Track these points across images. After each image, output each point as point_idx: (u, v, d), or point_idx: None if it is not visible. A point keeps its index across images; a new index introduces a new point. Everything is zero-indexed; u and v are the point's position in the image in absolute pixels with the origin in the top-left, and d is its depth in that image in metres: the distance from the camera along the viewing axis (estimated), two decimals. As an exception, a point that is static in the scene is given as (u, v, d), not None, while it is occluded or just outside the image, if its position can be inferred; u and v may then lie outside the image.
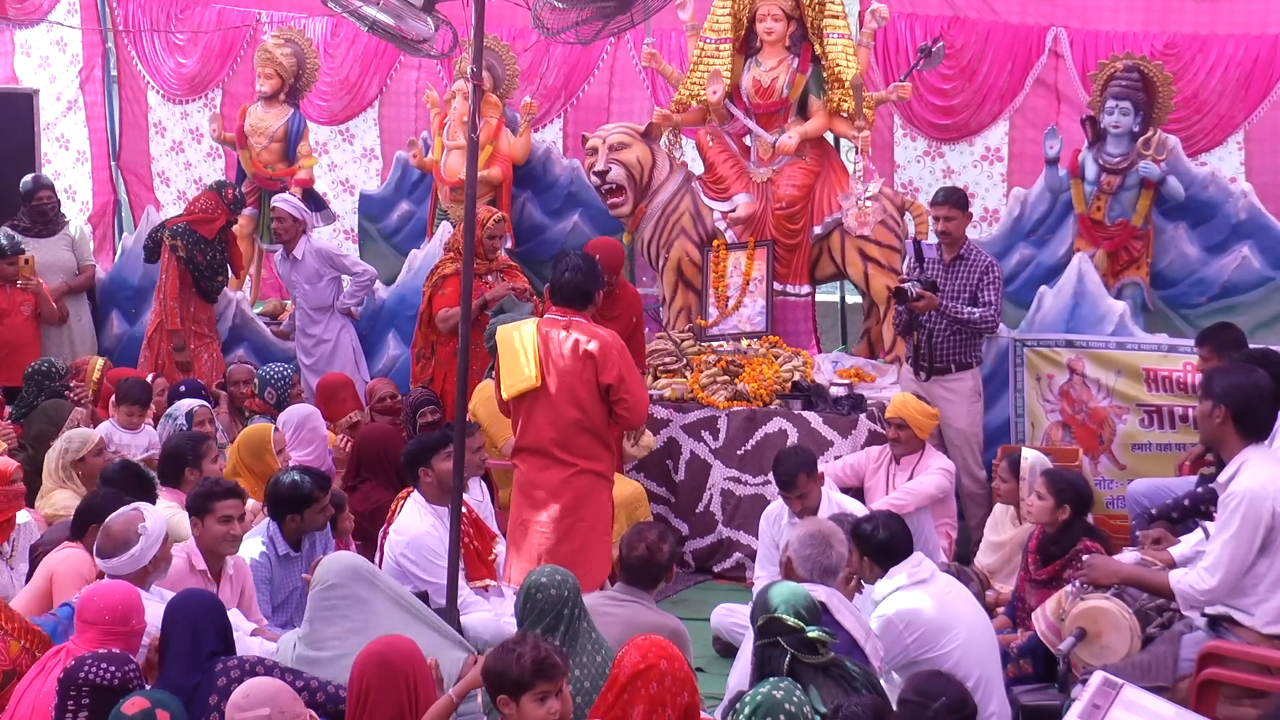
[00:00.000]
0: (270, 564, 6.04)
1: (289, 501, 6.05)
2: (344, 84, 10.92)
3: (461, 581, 6.13)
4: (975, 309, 7.66)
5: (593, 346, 6.06)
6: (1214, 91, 8.61)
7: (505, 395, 6.22)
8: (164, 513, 5.57)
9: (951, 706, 3.99)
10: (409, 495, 6.42)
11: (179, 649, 4.60)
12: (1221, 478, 4.99)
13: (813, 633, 4.42)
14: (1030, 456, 6.60)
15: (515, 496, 6.29)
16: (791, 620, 4.43)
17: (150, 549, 5.20)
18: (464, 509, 6.40)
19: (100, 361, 8.62)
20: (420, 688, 4.20)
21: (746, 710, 4.02)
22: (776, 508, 6.76)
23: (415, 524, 6.21)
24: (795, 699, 4.03)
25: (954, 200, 7.85)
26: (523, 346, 6.13)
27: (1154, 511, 6.37)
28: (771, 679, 4.18)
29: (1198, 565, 4.95)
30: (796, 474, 6.51)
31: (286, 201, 9.35)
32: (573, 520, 6.14)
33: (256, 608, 5.90)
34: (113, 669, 4.29)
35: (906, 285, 7.71)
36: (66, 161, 11.94)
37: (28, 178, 9.96)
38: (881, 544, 5.33)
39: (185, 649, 4.59)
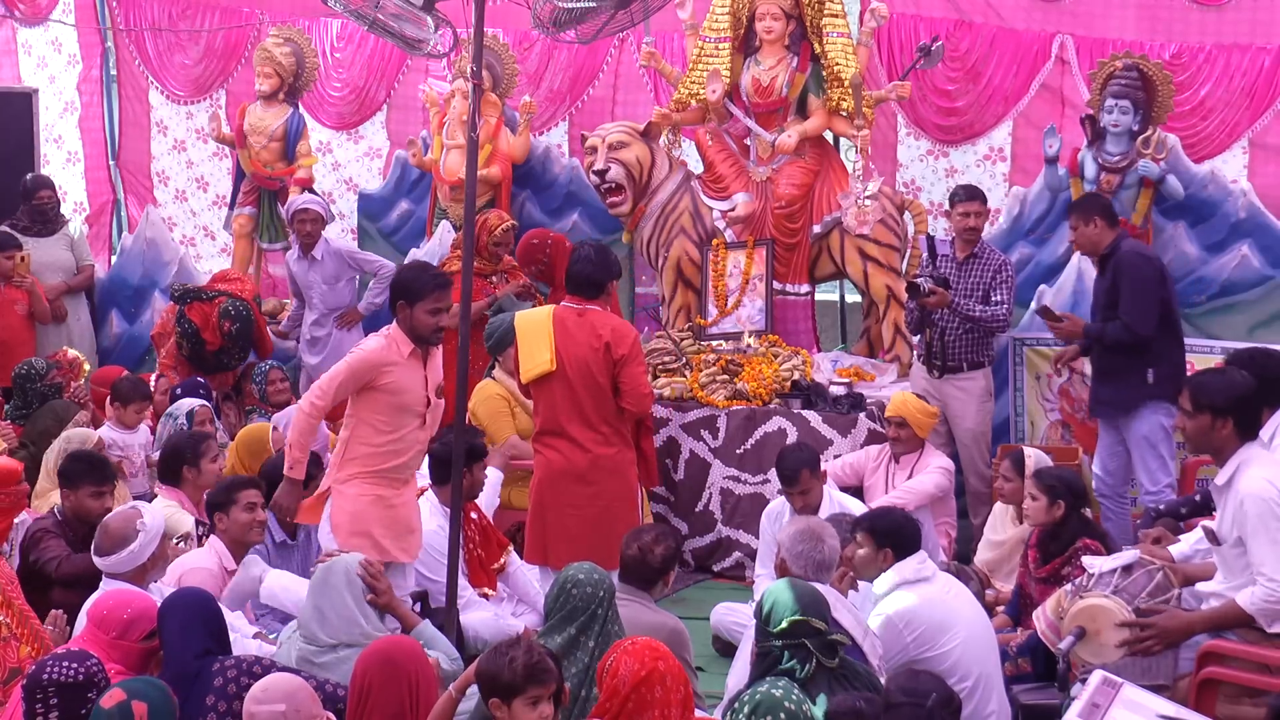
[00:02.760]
0: (268, 553, 6.04)
1: None
2: (353, 88, 10.93)
3: (464, 582, 6.16)
4: (986, 307, 7.63)
5: (606, 331, 6.34)
6: (1219, 101, 8.60)
7: (523, 379, 6.49)
8: (163, 511, 5.58)
9: (943, 701, 4.00)
10: (423, 494, 6.45)
11: (169, 647, 4.60)
12: (1219, 479, 4.98)
13: (835, 635, 4.45)
14: (1034, 455, 6.61)
15: (541, 479, 6.44)
16: (818, 623, 4.46)
17: (148, 546, 5.22)
18: (475, 515, 6.45)
19: (85, 362, 8.60)
20: (422, 687, 4.20)
21: (746, 709, 4.02)
22: (778, 505, 6.77)
23: (424, 523, 6.24)
24: (794, 697, 4.04)
25: (981, 197, 7.87)
26: (539, 332, 6.40)
27: (1160, 509, 6.38)
28: (769, 678, 4.19)
29: (1259, 580, 4.81)
30: (799, 470, 6.52)
31: (315, 202, 9.32)
32: (604, 504, 6.34)
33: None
34: (74, 665, 4.30)
35: (919, 280, 7.71)
36: (59, 161, 11.94)
37: (29, 177, 9.96)
38: (898, 528, 5.31)
39: (175, 647, 4.59)
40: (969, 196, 7.84)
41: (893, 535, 5.32)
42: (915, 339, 8.07)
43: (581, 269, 6.48)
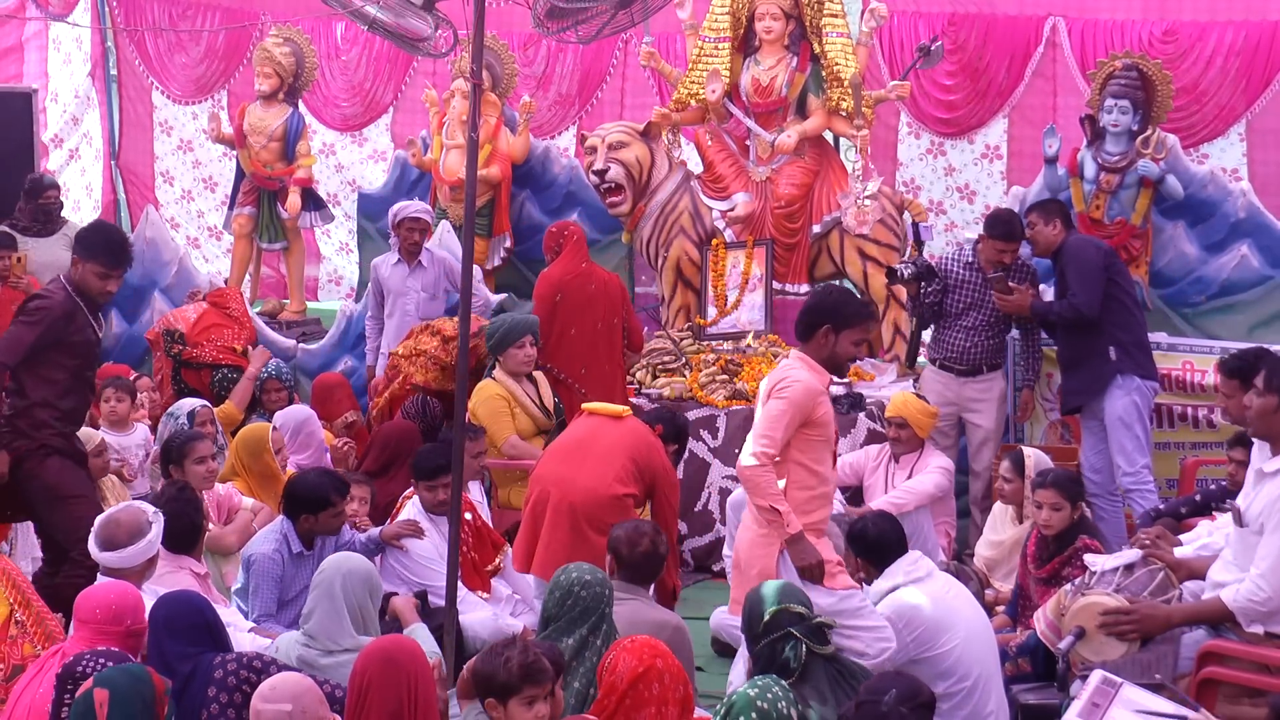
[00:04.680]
0: (283, 561, 6.04)
1: (306, 503, 6.05)
2: (359, 90, 10.94)
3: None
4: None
5: (664, 456, 6.31)
6: (1214, 80, 8.61)
7: (585, 406, 6.51)
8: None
9: (903, 697, 4.00)
10: (411, 498, 6.44)
11: (155, 649, 4.61)
12: (1266, 467, 4.88)
13: (820, 618, 4.46)
14: (1033, 456, 6.61)
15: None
16: (799, 608, 4.46)
17: (158, 540, 5.22)
18: (470, 516, 6.44)
19: None
20: (420, 687, 4.19)
21: (721, 713, 4.04)
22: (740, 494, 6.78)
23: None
24: (768, 697, 4.05)
25: (1020, 236, 7.60)
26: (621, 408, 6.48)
27: (1160, 509, 6.38)
28: (749, 680, 4.19)
29: (1250, 574, 4.80)
30: None
31: (426, 210, 8.99)
32: (581, 524, 6.15)
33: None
34: (111, 665, 4.29)
35: (899, 267, 7.72)
36: (89, 157, 11.99)
37: (36, 175, 9.95)
38: (874, 544, 5.35)
39: (158, 649, 4.60)
40: (1007, 236, 7.56)
41: (860, 545, 5.40)
42: (924, 335, 8.05)
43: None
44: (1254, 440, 5.04)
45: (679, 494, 6.44)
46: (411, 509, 6.41)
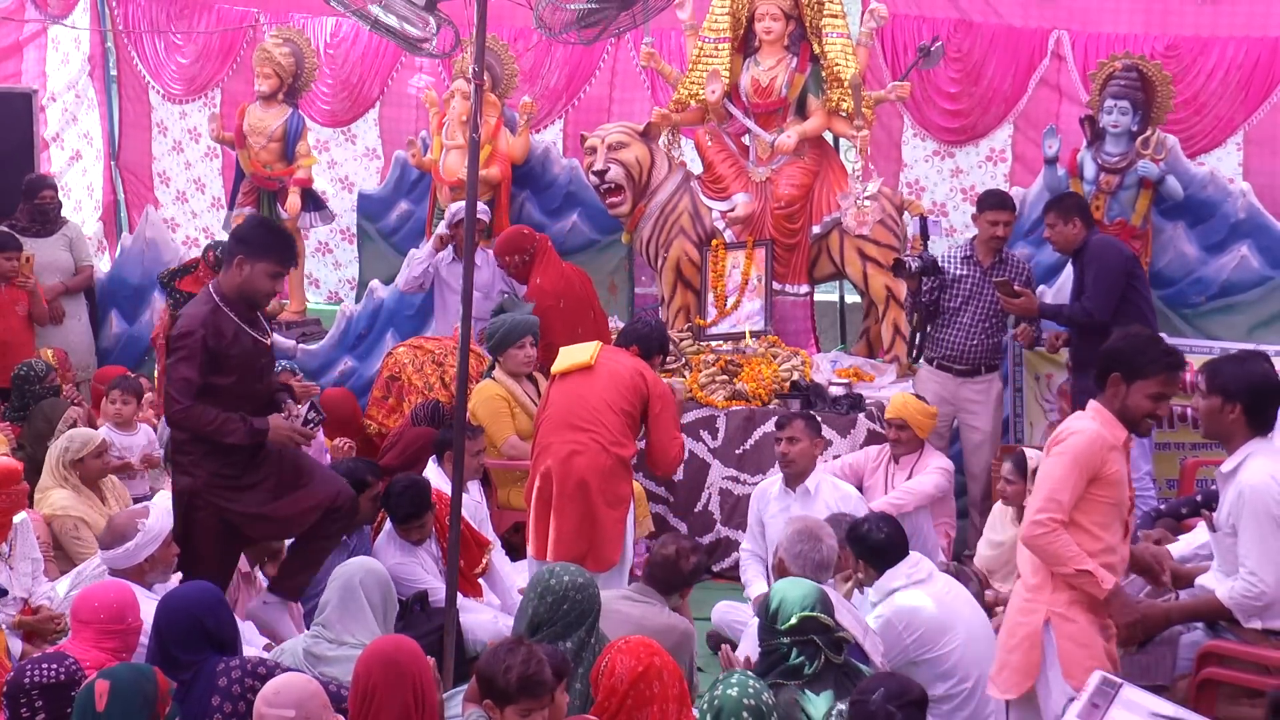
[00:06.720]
0: None
1: None
2: (345, 85, 10.94)
3: (437, 584, 6.16)
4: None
5: (648, 374, 6.53)
6: (1214, 94, 8.64)
7: (554, 369, 6.60)
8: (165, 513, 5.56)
9: (890, 695, 4.02)
10: (382, 522, 6.45)
11: (155, 645, 4.61)
12: (1225, 467, 4.94)
13: (841, 632, 4.47)
14: (1035, 457, 6.61)
15: (542, 469, 6.40)
16: (826, 619, 4.48)
17: (145, 548, 5.23)
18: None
19: (50, 353, 8.61)
20: (425, 689, 4.20)
21: (709, 717, 4.05)
22: (766, 484, 6.86)
23: (383, 557, 6.23)
24: (750, 692, 4.10)
25: (1010, 206, 7.70)
26: (583, 348, 6.59)
27: (1161, 509, 6.39)
28: (723, 676, 4.23)
29: (1240, 573, 4.80)
30: (795, 418, 6.79)
31: (483, 211, 8.94)
32: (594, 500, 6.30)
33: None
34: (55, 667, 4.36)
35: (907, 260, 7.71)
36: (90, 157, 11.99)
37: (31, 176, 9.95)
38: (875, 546, 5.36)
39: (157, 654, 4.59)
40: (998, 205, 7.65)
41: (863, 547, 5.43)
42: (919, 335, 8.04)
43: (640, 329, 6.92)
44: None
45: (675, 403, 6.68)
46: (383, 538, 6.41)
